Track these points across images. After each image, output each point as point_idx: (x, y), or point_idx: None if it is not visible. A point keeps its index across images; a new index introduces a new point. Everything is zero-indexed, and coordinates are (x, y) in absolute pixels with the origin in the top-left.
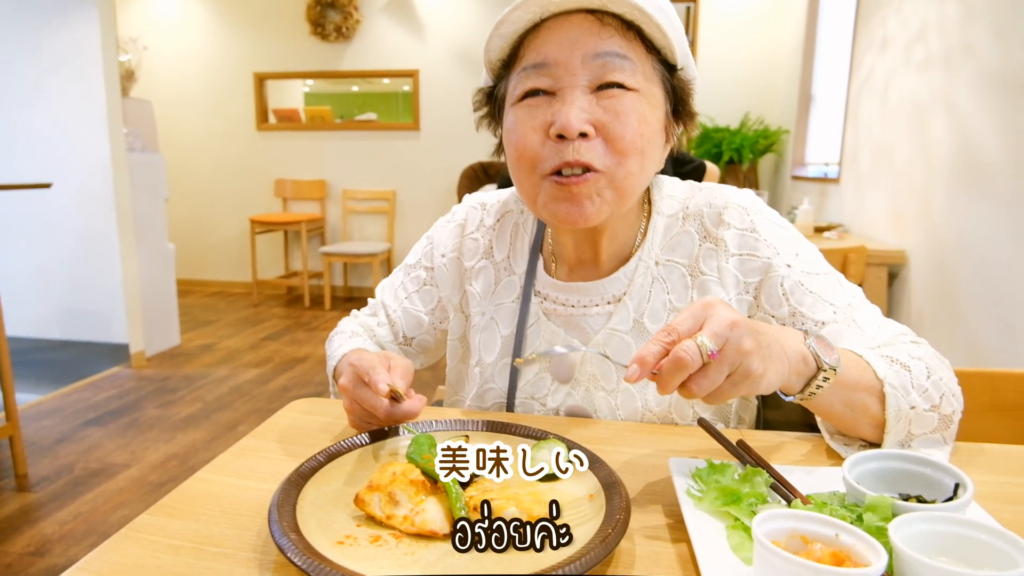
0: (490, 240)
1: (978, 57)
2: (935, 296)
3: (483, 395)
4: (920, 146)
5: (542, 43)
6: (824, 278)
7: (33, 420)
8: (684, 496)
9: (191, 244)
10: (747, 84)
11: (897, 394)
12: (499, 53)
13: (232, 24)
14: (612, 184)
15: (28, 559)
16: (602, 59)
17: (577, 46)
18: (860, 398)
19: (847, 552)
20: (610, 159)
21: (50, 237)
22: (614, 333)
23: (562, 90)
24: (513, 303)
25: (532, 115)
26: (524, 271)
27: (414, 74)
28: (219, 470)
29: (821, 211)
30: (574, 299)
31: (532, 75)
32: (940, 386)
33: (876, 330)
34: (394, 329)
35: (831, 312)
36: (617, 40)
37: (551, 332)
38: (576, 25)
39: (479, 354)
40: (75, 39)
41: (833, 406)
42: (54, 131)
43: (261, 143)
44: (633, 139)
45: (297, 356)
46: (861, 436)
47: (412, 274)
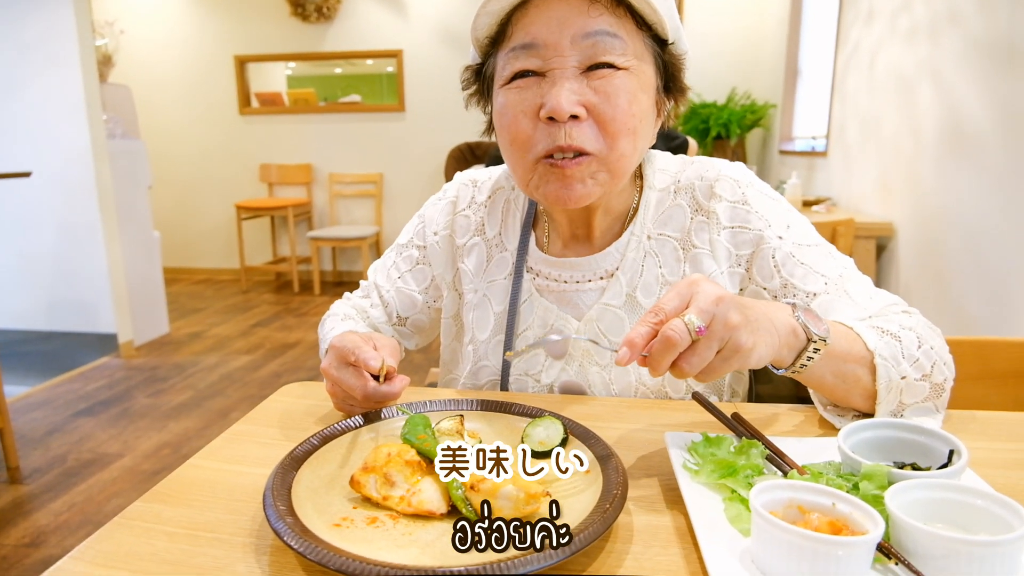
0: (482, 217)
1: (963, 26)
2: (923, 267)
3: (477, 372)
4: (907, 117)
5: (530, 22)
6: (815, 249)
7: (23, 412)
8: (681, 469)
9: (177, 231)
10: (733, 59)
11: (888, 365)
12: (486, 31)
13: (210, 6)
14: (605, 166)
15: (23, 551)
16: (592, 39)
17: (566, 26)
18: (851, 369)
19: (844, 521)
20: (601, 142)
21: (32, 227)
22: (607, 308)
23: (552, 71)
24: (505, 280)
25: (522, 98)
26: (516, 247)
27: (398, 54)
28: (212, 456)
29: (809, 185)
30: (567, 275)
31: (521, 55)
32: (931, 355)
33: (868, 301)
34: (387, 310)
35: (822, 283)
36: (607, 18)
37: (544, 308)
38: (564, 3)
39: (472, 332)
40: (49, 24)
41: (824, 378)
42: (31, 119)
43: (244, 127)
44: (624, 120)
45: (288, 342)
46: (853, 407)
47: (404, 253)
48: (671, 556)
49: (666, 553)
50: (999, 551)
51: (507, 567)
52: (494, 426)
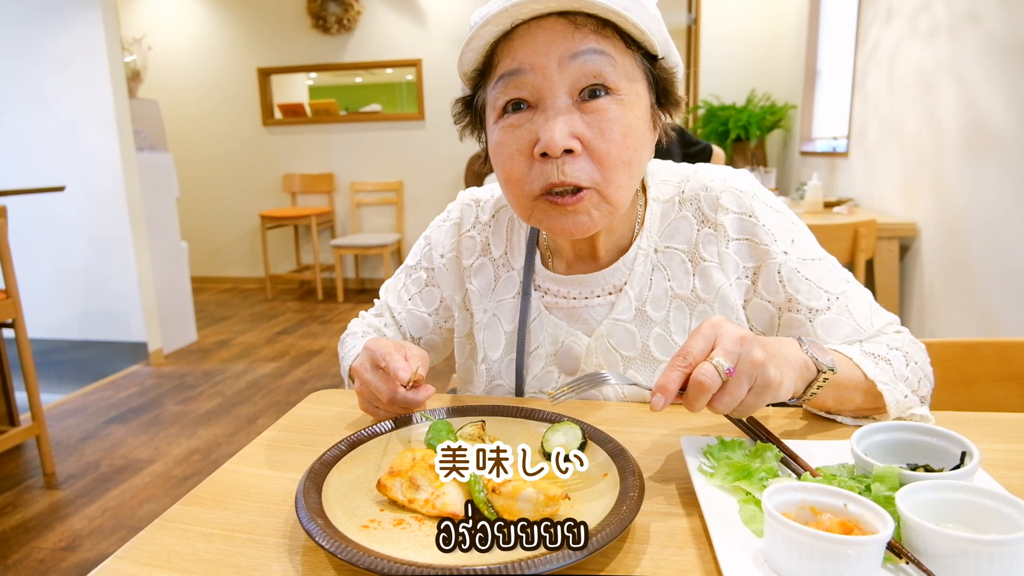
0: (487, 237)
1: (984, 25)
2: (947, 267)
3: (492, 392)
4: (928, 117)
5: (516, 49)
6: (819, 264)
7: (58, 420)
8: (696, 473)
9: (203, 241)
10: (752, 60)
11: (889, 388)
12: (473, 64)
13: (234, 20)
14: (604, 198)
15: (60, 554)
16: (580, 59)
17: (552, 48)
18: (849, 394)
19: (855, 521)
20: (598, 175)
21: (65, 240)
22: (617, 323)
23: (543, 101)
24: (514, 299)
25: (515, 136)
26: (522, 266)
27: (417, 64)
28: (245, 461)
29: (830, 186)
30: (575, 291)
31: (510, 84)
32: (916, 371)
33: (867, 321)
34: (400, 330)
35: (825, 300)
36: (593, 38)
37: (554, 326)
38: (548, 29)
39: (484, 351)
40: (79, 41)
41: (826, 402)
42: (63, 134)
43: (268, 138)
44: (619, 153)
45: (312, 349)
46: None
47: (413, 276)
48: (687, 556)
49: (682, 554)
50: (1008, 550)
51: (527, 566)
52: (514, 431)
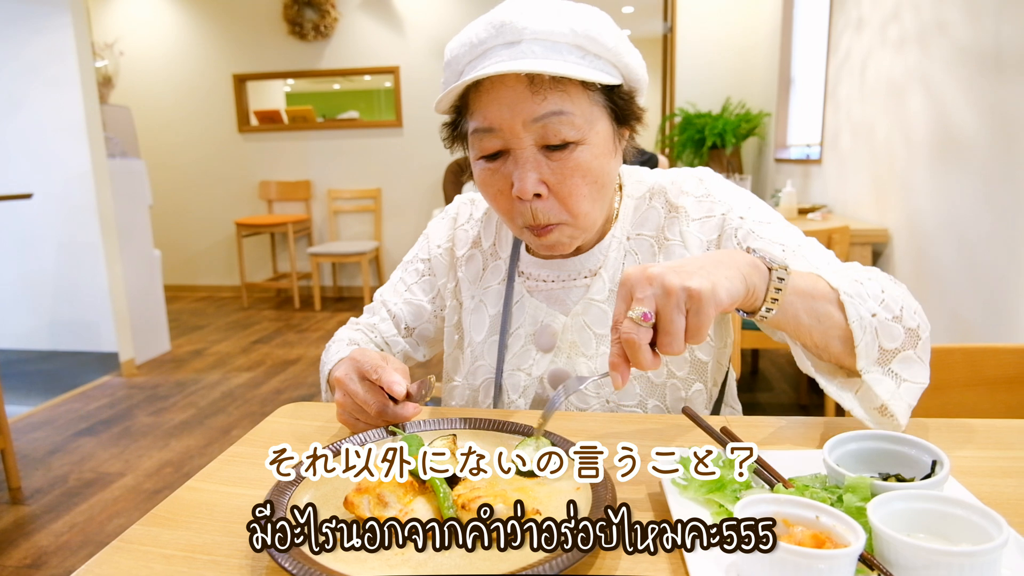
0: (478, 231)
1: (951, 34)
2: (918, 273)
3: (475, 372)
4: (899, 125)
5: (485, 106)
6: (775, 225)
7: (24, 432)
8: (669, 485)
9: (177, 249)
10: (727, 68)
11: (854, 302)
12: (449, 105)
13: (208, 26)
14: (574, 227)
15: (25, 571)
16: (541, 122)
17: (516, 111)
18: (822, 307)
19: (827, 533)
20: (564, 213)
21: (34, 247)
22: (592, 303)
23: (514, 151)
24: (499, 285)
25: (494, 179)
26: (508, 255)
27: (395, 70)
28: (209, 478)
29: (804, 193)
30: (554, 275)
31: (484, 139)
32: (897, 299)
33: (826, 265)
34: (396, 321)
35: (780, 250)
36: (552, 99)
37: (534, 307)
38: (511, 88)
39: (470, 335)
40: (50, 46)
41: (799, 318)
42: (33, 140)
43: (243, 145)
44: (581, 194)
45: (289, 358)
46: (835, 357)
47: (411, 267)
48: (658, 571)
49: (654, 568)
50: (978, 561)
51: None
52: (486, 445)
